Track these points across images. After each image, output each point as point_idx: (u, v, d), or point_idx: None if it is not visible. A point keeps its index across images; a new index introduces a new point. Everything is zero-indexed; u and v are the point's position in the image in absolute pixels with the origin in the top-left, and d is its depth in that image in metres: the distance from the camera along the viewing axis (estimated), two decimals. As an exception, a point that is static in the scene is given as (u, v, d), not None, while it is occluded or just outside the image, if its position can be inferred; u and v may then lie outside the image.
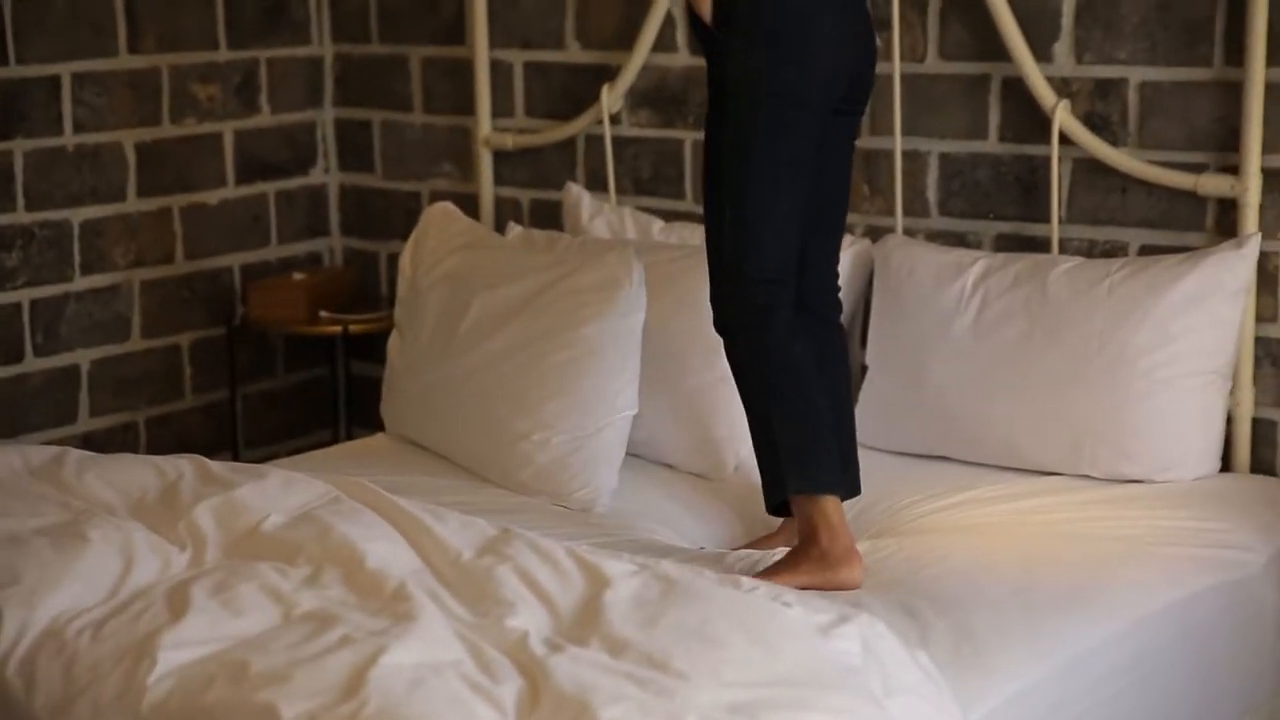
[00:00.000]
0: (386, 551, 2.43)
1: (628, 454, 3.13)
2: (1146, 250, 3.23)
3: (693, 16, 2.76)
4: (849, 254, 3.38)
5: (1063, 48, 3.27)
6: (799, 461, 2.70)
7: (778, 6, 2.70)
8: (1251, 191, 3.08)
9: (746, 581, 2.34)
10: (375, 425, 3.63)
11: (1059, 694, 2.43)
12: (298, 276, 4.06)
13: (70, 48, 3.78)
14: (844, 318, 3.40)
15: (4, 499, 2.67)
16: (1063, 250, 3.29)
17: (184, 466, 2.78)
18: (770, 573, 2.61)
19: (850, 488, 2.88)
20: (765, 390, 2.73)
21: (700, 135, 3.01)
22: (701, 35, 2.76)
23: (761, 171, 2.69)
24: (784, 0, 2.70)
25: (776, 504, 2.78)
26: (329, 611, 2.26)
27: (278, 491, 2.64)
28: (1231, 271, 3.02)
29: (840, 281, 3.33)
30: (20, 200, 3.73)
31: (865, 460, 3.20)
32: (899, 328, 3.26)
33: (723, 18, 2.70)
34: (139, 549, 2.46)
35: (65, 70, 3.78)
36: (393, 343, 3.53)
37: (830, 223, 2.91)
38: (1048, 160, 3.28)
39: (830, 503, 2.68)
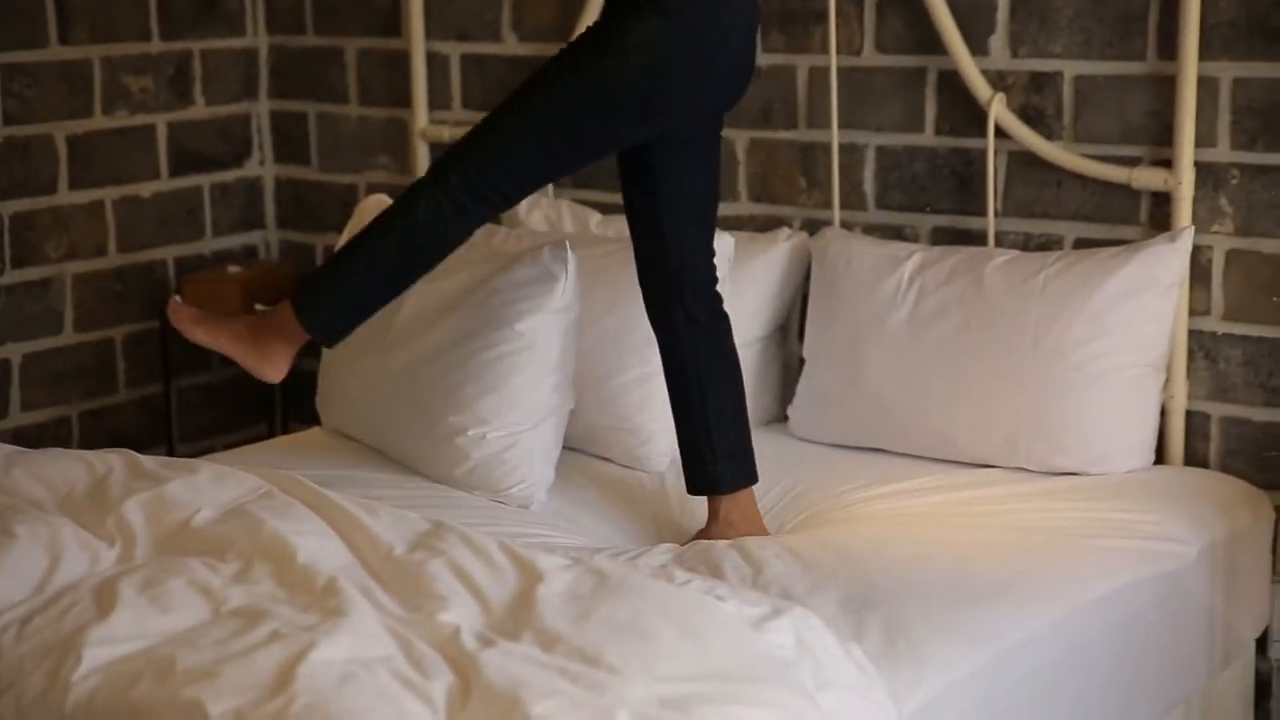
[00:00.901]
0: (317, 546, 2.41)
1: (564, 448, 3.12)
2: (1081, 243, 3.24)
3: None
4: (787, 246, 3.38)
5: (998, 41, 3.28)
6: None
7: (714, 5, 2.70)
8: (1185, 185, 3.10)
9: (680, 575, 2.33)
10: (311, 420, 3.60)
11: (992, 685, 2.44)
12: (233, 270, 4.03)
13: (1, 39, 3.74)
14: (782, 311, 3.42)
15: (-71, 495, 2.64)
16: (999, 243, 3.30)
17: (114, 461, 2.75)
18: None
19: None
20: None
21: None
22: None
23: (572, 118, 2.70)
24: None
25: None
26: (258, 607, 2.24)
27: (208, 486, 2.62)
28: (1165, 265, 3.04)
29: (775, 269, 3.33)
30: (-51, 193, 3.70)
31: (801, 451, 3.22)
32: (836, 321, 3.26)
33: None
34: (67, 545, 2.43)
35: (-5, 61, 3.74)
36: (328, 337, 3.50)
37: (707, 215, 2.91)
38: (984, 153, 3.29)
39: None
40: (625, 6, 2.70)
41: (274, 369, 2.83)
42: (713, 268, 2.89)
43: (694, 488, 2.91)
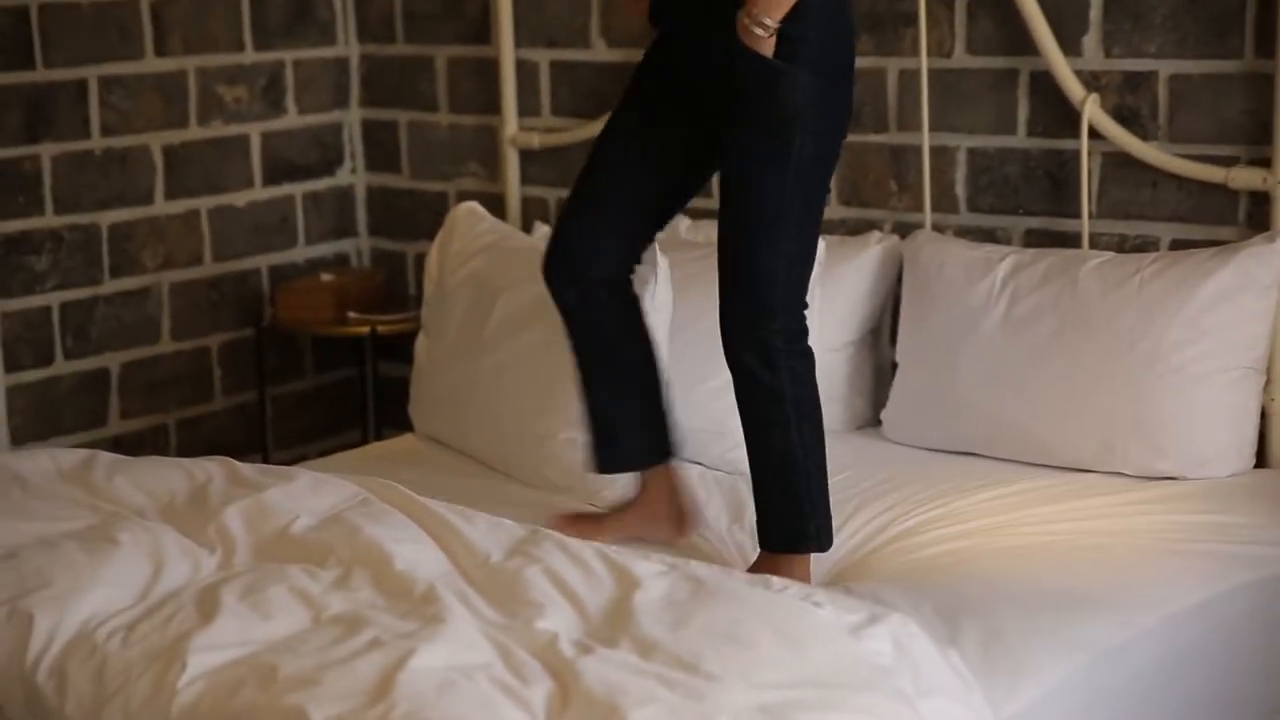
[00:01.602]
0: (415, 553, 2.42)
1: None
2: (1178, 245, 3.20)
3: (732, 54, 2.65)
4: (878, 249, 3.37)
5: (1091, 41, 3.25)
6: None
7: (841, 39, 2.70)
8: (1284, 184, 3.06)
9: (776, 581, 2.32)
10: (403, 425, 3.63)
11: (1088, 693, 2.42)
12: (325, 277, 4.07)
13: (97, 51, 3.79)
14: (873, 315, 3.40)
15: (34, 502, 2.68)
16: (1093, 245, 3.27)
17: (213, 469, 2.78)
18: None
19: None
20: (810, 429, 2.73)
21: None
22: (754, 68, 2.65)
23: (816, 206, 2.71)
24: (845, 34, 2.71)
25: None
26: (358, 614, 2.26)
27: (306, 493, 2.64)
28: (1265, 265, 3.00)
29: (867, 273, 3.31)
30: (49, 204, 3.74)
31: (895, 455, 3.20)
32: (928, 324, 3.24)
33: (791, 49, 2.63)
34: (169, 552, 2.46)
35: (92, 74, 3.79)
36: (420, 343, 3.53)
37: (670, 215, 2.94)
38: (1077, 155, 3.26)
39: None
40: (770, 88, 2.65)
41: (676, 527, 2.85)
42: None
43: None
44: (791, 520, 2.70)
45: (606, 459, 2.93)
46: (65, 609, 2.30)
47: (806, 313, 2.73)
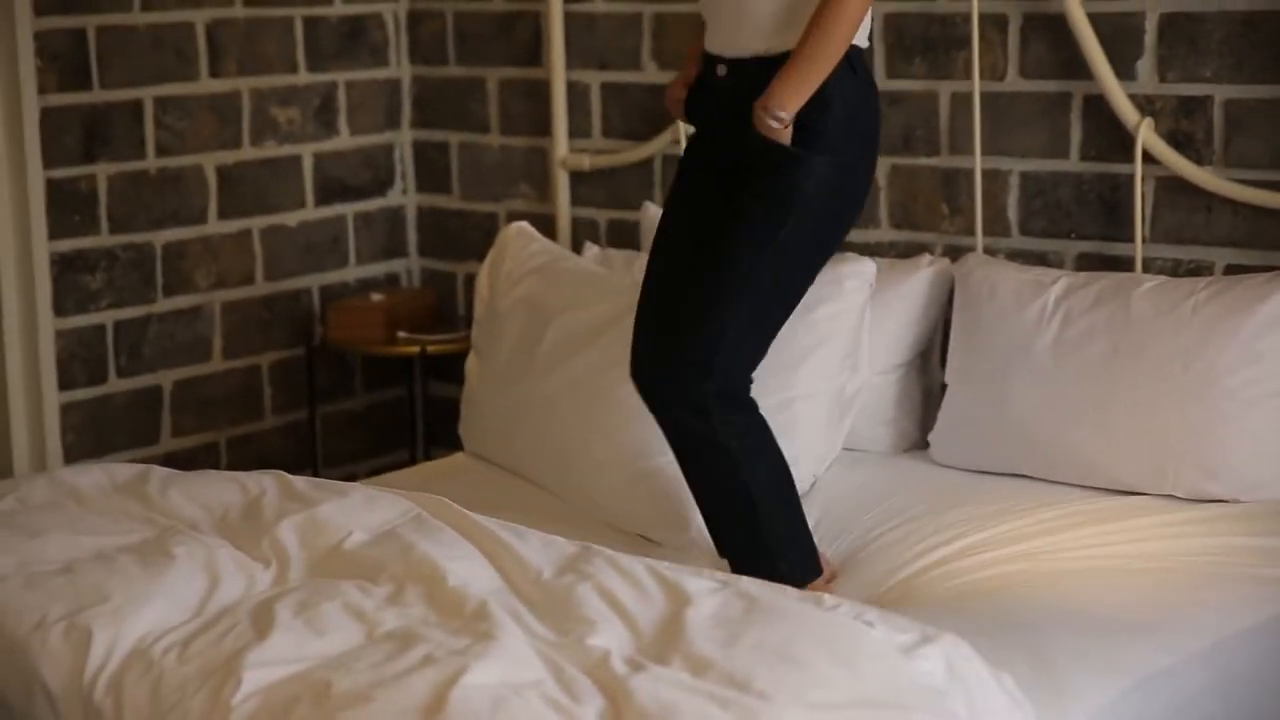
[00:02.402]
0: (467, 570, 2.43)
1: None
2: (1232, 269, 3.19)
3: (752, 143, 2.72)
4: (929, 272, 3.36)
5: (1146, 65, 3.25)
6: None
7: (863, 136, 2.76)
8: (1339, 209, 3.05)
9: (828, 599, 2.32)
10: (453, 445, 3.64)
11: (1135, 717, 2.40)
12: (376, 297, 4.09)
13: (152, 72, 3.83)
14: (924, 337, 3.39)
15: (90, 516, 2.70)
16: (1146, 270, 3.26)
17: (266, 483, 2.80)
18: None
19: None
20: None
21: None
22: (770, 154, 2.72)
23: (790, 288, 2.77)
24: (868, 131, 2.78)
25: None
26: (411, 630, 2.26)
27: (360, 509, 2.65)
28: (1321, 290, 2.99)
29: (918, 295, 3.32)
30: (104, 223, 3.78)
31: (943, 478, 3.19)
32: (979, 346, 3.24)
33: (810, 140, 2.70)
34: (224, 566, 2.47)
35: (148, 94, 3.82)
36: (471, 364, 3.54)
37: None
38: (1130, 179, 3.25)
39: None
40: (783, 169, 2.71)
41: None
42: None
43: None
44: (760, 561, 2.72)
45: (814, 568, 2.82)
46: (122, 624, 2.31)
47: (751, 384, 2.76)
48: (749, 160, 2.74)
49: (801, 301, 2.87)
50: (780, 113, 2.67)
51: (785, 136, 2.69)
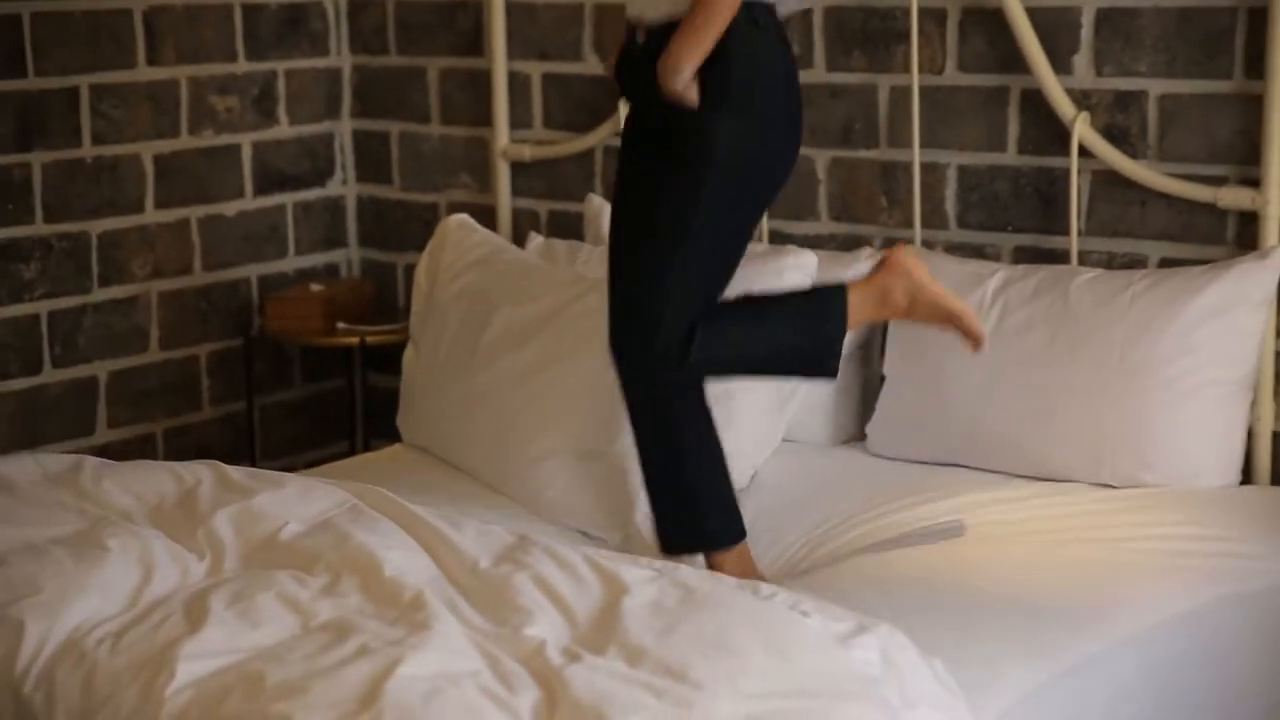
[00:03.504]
0: (404, 560, 2.42)
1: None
2: (1166, 263, 3.22)
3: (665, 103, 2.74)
4: (869, 265, 3.37)
5: (1082, 60, 3.27)
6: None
7: (772, 88, 2.75)
8: (1273, 204, 3.07)
9: (764, 588, 2.33)
10: (392, 436, 3.63)
11: (1069, 703, 2.42)
12: (315, 288, 4.07)
13: (89, 60, 3.79)
14: (863, 330, 3.40)
15: (22, 507, 2.68)
16: (1081, 263, 3.28)
17: (202, 472, 2.78)
18: None
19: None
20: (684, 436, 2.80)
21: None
22: (677, 113, 2.74)
23: (732, 241, 2.77)
24: (776, 83, 2.76)
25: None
26: (346, 621, 2.25)
27: (296, 499, 2.64)
28: (1256, 282, 3.01)
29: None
30: (39, 212, 3.74)
31: (879, 468, 3.20)
32: (918, 338, 3.24)
33: (715, 98, 2.71)
34: (158, 558, 2.46)
35: (84, 82, 3.79)
36: (409, 356, 3.53)
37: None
38: (1067, 173, 3.27)
39: None
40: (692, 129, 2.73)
41: None
42: None
43: None
44: (689, 522, 2.78)
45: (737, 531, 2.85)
46: (55, 616, 2.29)
47: (694, 329, 2.75)
48: (665, 123, 2.76)
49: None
50: (679, 69, 2.68)
51: (691, 96, 2.71)
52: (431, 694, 2.04)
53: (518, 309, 3.28)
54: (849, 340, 3.35)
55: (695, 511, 2.80)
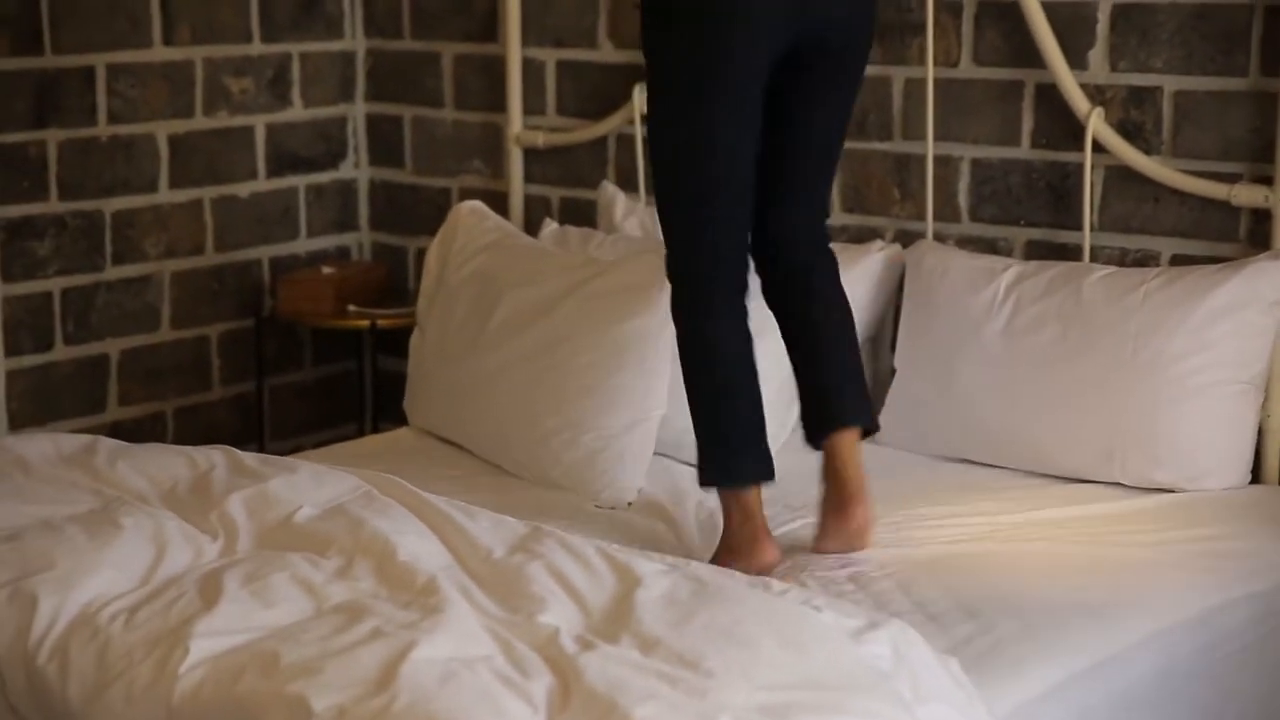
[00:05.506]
0: (417, 546, 2.43)
1: (655, 453, 3.13)
2: (1178, 259, 3.22)
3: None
4: (880, 257, 3.38)
5: (1097, 55, 3.27)
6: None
7: None
8: (1286, 202, 3.08)
9: (777, 584, 2.34)
10: (401, 419, 3.64)
11: (1078, 703, 2.43)
12: (326, 270, 4.08)
13: (105, 39, 3.80)
14: (874, 322, 3.41)
15: (37, 485, 2.69)
16: (1093, 258, 3.29)
17: (216, 457, 2.79)
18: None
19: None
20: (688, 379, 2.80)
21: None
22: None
23: (699, 161, 2.72)
24: None
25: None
26: (360, 604, 2.27)
27: (309, 485, 2.65)
28: (1270, 281, 3.02)
29: (869, 280, 3.31)
30: (53, 190, 3.75)
31: (893, 462, 3.21)
32: (929, 332, 3.26)
33: (651, 18, 2.74)
34: (171, 537, 2.47)
35: (100, 61, 3.80)
36: (415, 339, 3.54)
37: (801, 182, 2.88)
38: (1080, 167, 3.27)
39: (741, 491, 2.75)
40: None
41: (759, 553, 2.71)
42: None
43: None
44: (700, 453, 2.79)
45: (766, 468, 2.82)
46: (68, 591, 2.31)
47: (703, 258, 2.75)
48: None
49: (751, 285, 2.87)
50: None
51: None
52: (446, 676, 2.05)
53: (526, 291, 3.29)
54: (860, 332, 3.38)
55: (701, 447, 2.79)
